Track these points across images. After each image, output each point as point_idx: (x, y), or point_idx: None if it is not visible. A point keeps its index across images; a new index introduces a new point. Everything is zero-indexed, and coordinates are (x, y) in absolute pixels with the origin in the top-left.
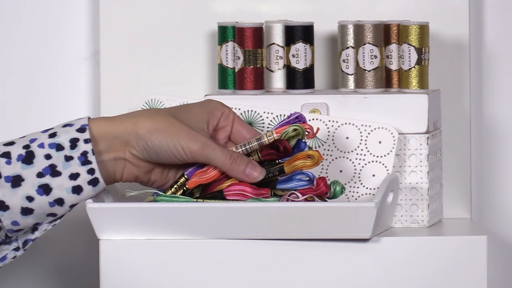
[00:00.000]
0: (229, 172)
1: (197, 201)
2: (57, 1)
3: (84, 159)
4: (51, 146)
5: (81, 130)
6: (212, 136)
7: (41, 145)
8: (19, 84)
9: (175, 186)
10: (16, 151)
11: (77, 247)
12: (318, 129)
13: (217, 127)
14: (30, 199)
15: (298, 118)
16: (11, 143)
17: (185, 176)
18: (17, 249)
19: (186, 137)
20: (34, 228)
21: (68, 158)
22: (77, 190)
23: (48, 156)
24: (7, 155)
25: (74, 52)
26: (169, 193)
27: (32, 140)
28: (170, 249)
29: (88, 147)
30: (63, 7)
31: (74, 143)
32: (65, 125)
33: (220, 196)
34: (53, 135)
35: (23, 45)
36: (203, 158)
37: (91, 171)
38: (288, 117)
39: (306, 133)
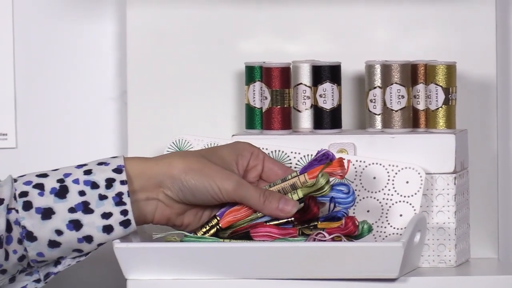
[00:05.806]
0: (262, 210)
1: (223, 241)
2: (84, 41)
3: (118, 200)
4: (86, 183)
5: (118, 170)
6: (243, 177)
7: (76, 181)
8: (46, 124)
9: (206, 227)
10: (50, 183)
11: (104, 286)
12: (349, 161)
13: (248, 167)
14: (59, 232)
15: (325, 155)
16: (44, 175)
17: (217, 217)
18: (38, 281)
19: (220, 176)
20: (57, 261)
21: (102, 197)
22: (107, 229)
23: (82, 193)
24: (40, 186)
25: (101, 92)
26: (200, 233)
27: (67, 175)
28: None
29: (124, 188)
30: (90, 48)
31: (110, 183)
32: (100, 163)
33: (247, 237)
34: (88, 172)
35: (50, 85)
36: (238, 197)
37: (124, 212)
38: (316, 154)
39: (338, 175)
